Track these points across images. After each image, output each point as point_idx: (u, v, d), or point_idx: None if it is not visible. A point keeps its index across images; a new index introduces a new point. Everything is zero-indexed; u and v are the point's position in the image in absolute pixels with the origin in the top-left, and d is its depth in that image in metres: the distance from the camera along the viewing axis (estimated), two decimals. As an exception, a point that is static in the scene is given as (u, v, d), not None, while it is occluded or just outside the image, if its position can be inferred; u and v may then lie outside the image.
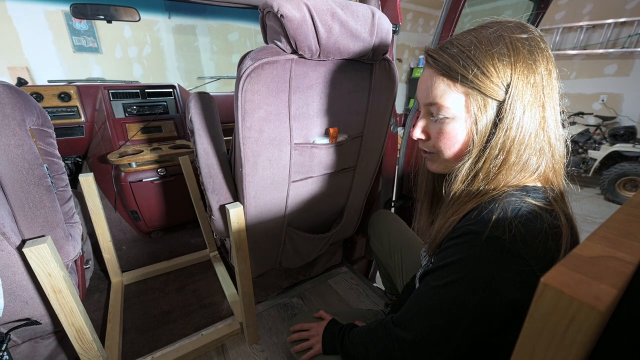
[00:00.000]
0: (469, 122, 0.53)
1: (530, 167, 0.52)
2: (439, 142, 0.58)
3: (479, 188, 0.53)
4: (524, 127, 0.50)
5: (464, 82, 0.51)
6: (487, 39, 0.50)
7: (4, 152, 0.69)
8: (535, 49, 0.49)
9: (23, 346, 0.91)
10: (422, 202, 0.76)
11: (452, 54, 0.52)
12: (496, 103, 0.51)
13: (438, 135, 0.57)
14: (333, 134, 0.95)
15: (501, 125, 0.50)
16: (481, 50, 0.50)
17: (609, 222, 0.32)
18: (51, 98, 1.54)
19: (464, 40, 0.52)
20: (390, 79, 0.99)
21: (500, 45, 0.49)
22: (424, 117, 0.60)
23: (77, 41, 2.92)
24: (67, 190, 0.94)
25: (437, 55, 0.54)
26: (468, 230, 0.48)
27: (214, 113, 0.96)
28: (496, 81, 0.49)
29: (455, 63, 0.51)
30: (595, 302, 0.22)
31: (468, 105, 0.52)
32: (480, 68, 0.49)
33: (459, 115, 0.54)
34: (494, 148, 0.51)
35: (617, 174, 3.23)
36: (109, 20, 1.45)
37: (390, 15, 1.18)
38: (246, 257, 1.04)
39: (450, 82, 0.52)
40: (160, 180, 1.72)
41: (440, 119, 0.56)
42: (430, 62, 0.55)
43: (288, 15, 0.71)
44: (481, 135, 0.52)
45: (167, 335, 1.25)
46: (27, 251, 0.72)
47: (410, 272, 1.01)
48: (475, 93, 0.51)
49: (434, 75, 0.54)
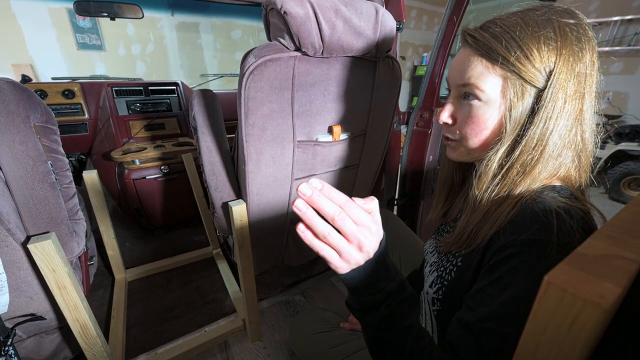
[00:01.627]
0: (502, 109, 0.50)
1: (566, 162, 0.49)
2: (466, 127, 0.54)
3: (515, 182, 0.50)
4: (563, 118, 0.47)
5: (504, 65, 0.48)
6: (534, 21, 0.47)
7: (9, 149, 0.70)
8: (583, 37, 0.46)
9: (28, 341, 0.92)
10: (440, 192, 0.72)
11: (495, 33, 0.48)
12: (535, 90, 0.48)
13: (466, 120, 0.54)
14: (336, 131, 0.95)
15: (539, 114, 0.47)
16: (527, 32, 0.46)
17: (614, 221, 0.31)
18: (55, 95, 1.54)
19: (509, 20, 0.49)
20: (393, 77, 0.99)
21: (548, 29, 0.46)
22: (453, 101, 0.56)
23: (81, 38, 2.92)
24: (71, 187, 0.95)
25: (478, 35, 0.50)
26: (530, 241, 0.42)
27: (217, 110, 0.96)
28: (538, 66, 0.46)
29: (497, 43, 0.48)
30: (599, 301, 0.22)
31: (505, 89, 0.49)
32: (523, 51, 0.46)
33: (494, 99, 0.50)
34: (532, 139, 0.48)
35: (622, 173, 3.20)
36: (112, 18, 1.45)
37: (394, 13, 1.18)
38: (249, 255, 1.04)
39: (489, 63, 0.49)
40: (164, 178, 1.72)
41: (472, 103, 0.52)
42: (469, 42, 0.51)
43: (291, 12, 0.71)
44: (515, 124, 0.49)
45: (170, 331, 1.26)
46: (32, 247, 0.73)
47: (409, 270, 1.00)
48: (514, 77, 0.48)
49: (471, 55, 0.51)
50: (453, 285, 0.55)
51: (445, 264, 0.59)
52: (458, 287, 0.54)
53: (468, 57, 0.51)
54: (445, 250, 0.60)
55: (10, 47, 2.65)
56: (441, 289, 0.58)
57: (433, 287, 0.60)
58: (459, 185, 0.69)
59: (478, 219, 0.52)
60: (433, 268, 0.63)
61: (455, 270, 0.55)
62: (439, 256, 0.63)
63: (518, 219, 0.46)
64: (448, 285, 0.56)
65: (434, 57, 1.33)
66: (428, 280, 0.63)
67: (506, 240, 0.45)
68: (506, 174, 0.50)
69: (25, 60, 2.74)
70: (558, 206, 0.44)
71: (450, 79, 0.56)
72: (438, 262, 0.63)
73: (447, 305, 0.57)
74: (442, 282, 0.58)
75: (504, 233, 0.46)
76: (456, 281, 0.55)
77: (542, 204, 0.45)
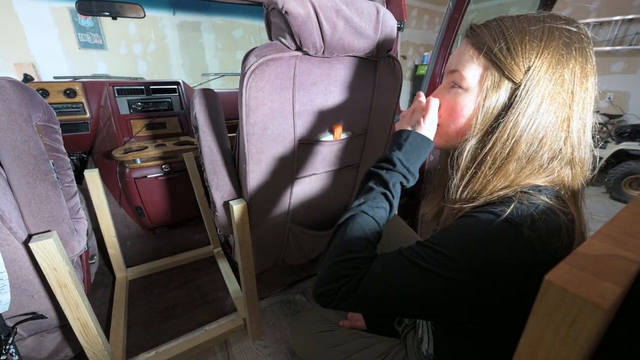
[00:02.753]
0: (479, 99, 0.51)
1: (542, 165, 0.49)
2: (445, 113, 0.56)
3: (487, 177, 0.50)
4: (538, 119, 0.47)
5: (487, 55, 0.50)
6: (527, 20, 0.49)
7: (11, 147, 0.70)
8: (573, 44, 0.46)
9: (29, 340, 0.92)
10: (437, 187, 0.72)
11: (489, 27, 0.51)
12: (511, 86, 0.49)
13: (445, 106, 0.56)
14: (337, 131, 0.95)
15: (512, 109, 0.48)
16: (516, 28, 0.48)
17: (614, 221, 0.31)
18: (57, 94, 1.54)
19: (507, 18, 0.51)
20: (394, 76, 0.99)
21: (537, 27, 0.47)
22: (443, 87, 0.58)
23: (83, 38, 2.93)
24: (73, 185, 0.95)
25: (477, 28, 0.52)
26: (487, 211, 0.45)
27: (218, 110, 0.96)
28: (517, 61, 0.47)
29: (487, 35, 0.50)
30: (599, 300, 0.22)
31: (483, 78, 0.51)
32: (507, 44, 0.48)
33: (472, 88, 0.52)
34: (503, 132, 0.48)
35: (623, 173, 3.20)
36: (114, 17, 1.45)
37: (395, 12, 1.17)
38: (249, 254, 1.04)
39: (475, 52, 0.51)
40: (165, 177, 1.72)
41: (455, 90, 0.54)
42: (468, 34, 0.54)
43: (292, 11, 0.71)
44: (486, 114, 0.50)
45: (171, 330, 1.26)
46: (34, 246, 0.73)
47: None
48: (494, 69, 0.49)
49: (466, 46, 0.53)
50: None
51: None
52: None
53: (463, 48, 0.54)
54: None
55: (12, 46, 2.66)
56: None
57: None
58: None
59: (454, 214, 0.53)
60: None
61: None
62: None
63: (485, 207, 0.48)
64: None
65: (435, 57, 1.33)
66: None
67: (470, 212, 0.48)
68: (479, 166, 0.51)
69: (27, 60, 2.74)
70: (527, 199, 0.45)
71: (446, 68, 0.59)
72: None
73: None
74: None
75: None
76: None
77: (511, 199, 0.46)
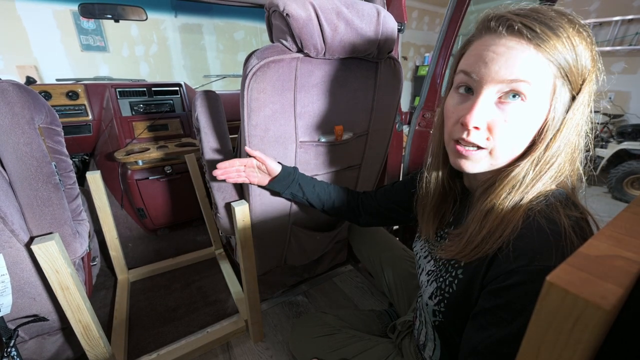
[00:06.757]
0: (547, 112, 0.45)
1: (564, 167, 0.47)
2: (504, 133, 0.46)
3: (527, 188, 0.46)
4: (582, 124, 0.45)
5: (560, 68, 0.42)
6: (569, 19, 0.43)
7: (13, 150, 0.70)
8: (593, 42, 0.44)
9: (30, 342, 0.92)
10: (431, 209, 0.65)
11: (551, 27, 0.42)
12: (569, 95, 0.44)
13: (506, 124, 0.46)
14: (338, 132, 0.95)
15: (569, 120, 0.44)
16: (574, 31, 0.42)
17: (616, 221, 0.31)
18: (59, 96, 1.55)
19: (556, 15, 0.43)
20: (395, 77, 0.99)
21: (586, 35, 0.43)
22: (485, 102, 0.46)
23: (85, 40, 2.94)
24: (75, 187, 0.95)
25: (540, 30, 0.42)
26: (540, 270, 0.40)
27: (220, 111, 0.96)
28: (583, 72, 0.43)
29: (556, 41, 0.41)
30: (601, 301, 0.21)
31: (555, 89, 0.43)
32: (575, 54, 0.42)
33: (542, 101, 0.44)
34: (555, 146, 0.45)
35: (624, 172, 3.19)
36: (116, 20, 1.46)
37: (395, 14, 1.18)
38: (251, 255, 1.04)
39: (545, 60, 0.42)
40: (167, 178, 1.73)
41: (516, 103, 0.44)
42: (524, 32, 0.42)
43: (294, 14, 0.71)
44: (553, 130, 0.45)
45: (172, 332, 1.26)
46: (35, 248, 0.73)
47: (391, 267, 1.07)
48: (562, 79, 0.43)
49: (528, 51, 0.42)
50: (456, 298, 0.53)
51: (445, 275, 0.56)
52: (462, 301, 0.52)
53: (526, 53, 0.43)
54: (444, 258, 0.58)
55: (15, 49, 2.68)
56: (442, 301, 0.56)
57: (433, 299, 0.58)
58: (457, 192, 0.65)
59: (489, 228, 0.47)
60: (431, 278, 0.60)
61: (456, 283, 0.53)
62: (436, 264, 0.61)
63: (525, 234, 0.43)
64: (450, 298, 0.54)
65: (436, 58, 1.33)
66: (427, 291, 0.60)
67: (516, 264, 0.42)
68: (524, 180, 0.47)
69: (30, 62, 2.76)
70: (565, 224, 0.42)
71: (482, 75, 0.46)
72: (436, 272, 0.60)
73: (450, 318, 0.55)
74: (443, 295, 0.55)
75: (514, 252, 0.43)
76: (459, 295, 0.52)
77: (548, 218, 0.43)
